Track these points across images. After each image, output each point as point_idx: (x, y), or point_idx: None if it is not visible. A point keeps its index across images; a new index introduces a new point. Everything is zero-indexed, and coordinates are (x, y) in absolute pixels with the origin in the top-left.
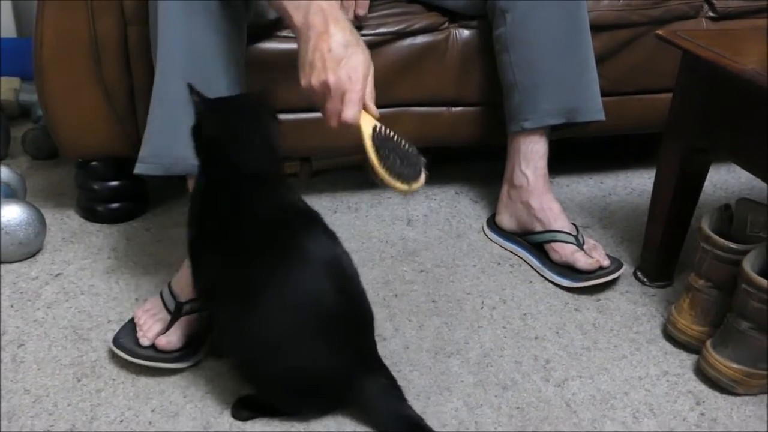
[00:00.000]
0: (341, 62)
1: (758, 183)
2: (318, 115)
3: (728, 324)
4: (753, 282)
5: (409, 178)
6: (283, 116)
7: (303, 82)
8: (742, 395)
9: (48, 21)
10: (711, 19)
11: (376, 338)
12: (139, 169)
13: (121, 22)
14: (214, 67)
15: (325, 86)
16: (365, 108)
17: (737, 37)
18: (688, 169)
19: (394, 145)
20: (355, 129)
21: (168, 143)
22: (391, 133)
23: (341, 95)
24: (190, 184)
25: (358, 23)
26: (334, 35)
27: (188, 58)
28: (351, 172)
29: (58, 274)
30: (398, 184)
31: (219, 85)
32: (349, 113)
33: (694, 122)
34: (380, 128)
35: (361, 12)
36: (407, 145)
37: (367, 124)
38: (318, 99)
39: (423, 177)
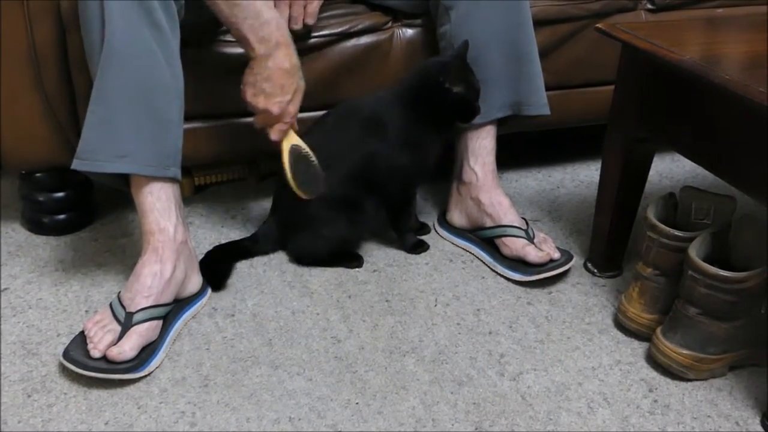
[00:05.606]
0: (285, 96)
1: (701, 171)
2: None
3: (677, 311)
4: (699, 268)
5: (311, 190)
6: (233, 120)
7: (249, 98)
8: (693, 380)
9: None
10: (650, 11)
11: (330, 340)
12: (74, 165)
13: (59, 28)
14: (156, 60)
15: (267, 111)
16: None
17: (675, 28)
18: (632, 159)
19: (305, 163)
20: (276, 145)
21: (104, 140)
22: (305, 152)
23: (276, 121)
24: (133, 186)
25: (306, 31)
26: (285, 67)
27: (131, 53)
28: None
29: (5, 289)
30: (300, 193)
31: (162, 77)
32: (276, 136)
33: (635, 113)
34: (298, 147)
35: (311, 21)
36: (315, 164)
37: (288, 142)
38: (254, 111)
39: (321, 191)
